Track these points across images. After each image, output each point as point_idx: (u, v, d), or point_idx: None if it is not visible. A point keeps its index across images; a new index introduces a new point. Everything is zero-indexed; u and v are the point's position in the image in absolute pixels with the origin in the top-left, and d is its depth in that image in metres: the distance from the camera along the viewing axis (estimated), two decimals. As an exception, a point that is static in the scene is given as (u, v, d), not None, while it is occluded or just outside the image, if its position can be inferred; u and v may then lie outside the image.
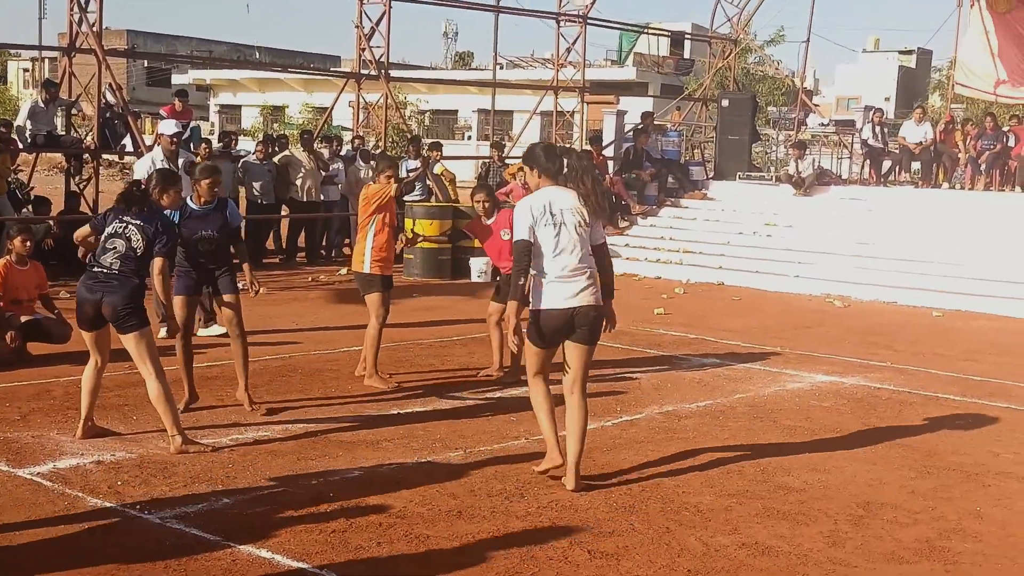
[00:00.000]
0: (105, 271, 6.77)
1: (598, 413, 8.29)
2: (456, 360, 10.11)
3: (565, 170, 6.46)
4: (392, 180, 8.82)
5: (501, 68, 35.43)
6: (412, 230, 9.43)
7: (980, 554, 5.57)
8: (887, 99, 43.93)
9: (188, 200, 7.91)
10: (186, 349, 7.93)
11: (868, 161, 21.35)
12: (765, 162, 25.74)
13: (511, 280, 6.34)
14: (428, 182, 18.56)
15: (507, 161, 20.54)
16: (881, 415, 8.62)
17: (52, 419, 7.42)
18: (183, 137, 16.28)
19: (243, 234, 16.75)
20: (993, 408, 8.93)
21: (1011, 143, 19.87)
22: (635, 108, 26.99)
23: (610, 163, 21.44)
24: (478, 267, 16.35)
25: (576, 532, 5.65)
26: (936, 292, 15.11)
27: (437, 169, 18.68)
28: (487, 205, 9.41)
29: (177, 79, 51.12)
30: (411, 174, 18.45)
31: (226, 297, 8.01)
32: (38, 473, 6.26)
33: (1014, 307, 14.40)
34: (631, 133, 22.11)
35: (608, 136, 22.76)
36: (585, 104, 23.86)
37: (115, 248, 6.80)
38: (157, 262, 6.87)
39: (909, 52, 51.93)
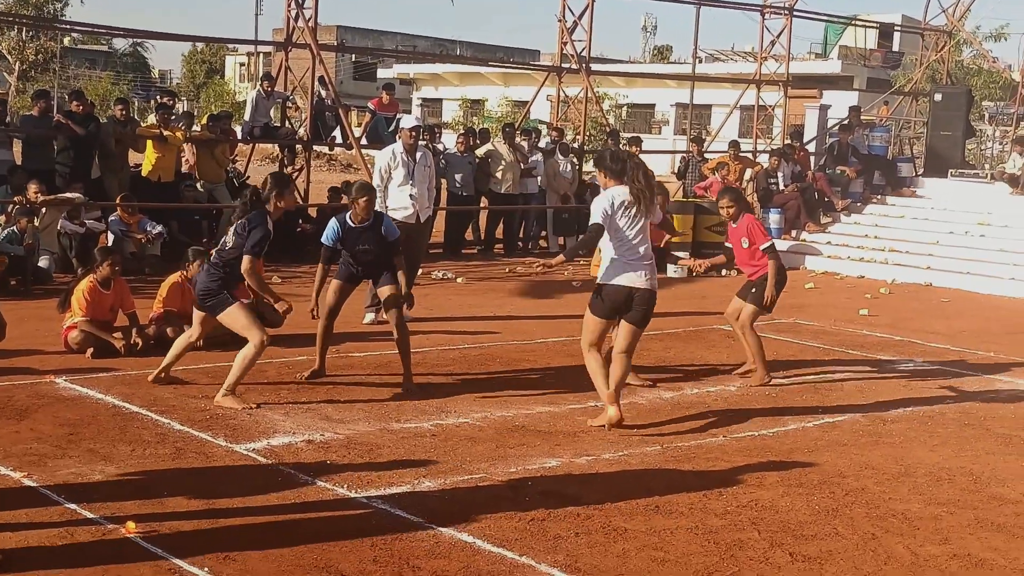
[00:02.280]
0: (211, 260, 7.88)
1: (799, 413, 8.14)
2: (652, 356, 10.04)
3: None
4: None
5: (700, 62, 34.98)
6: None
7: None
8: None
9: (346, 217, 8.38)
10: (327, 330, 8.45)
11: (1093, 158, 20.12)
12: (979, 159, 24.61)
13: (575, 245, 7.64)
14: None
15: (706, 156, 20.31)
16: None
17: (266, 397, 7.76)
18: (391, 130, 16.84)
19: (444, 225, 17.33)
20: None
21: None
22: (839, 102, 26.20)
23: (812, 159, 20.89)
24: (675, 264, 16.21)
25: (777, 533, 5.55)
26: None
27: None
28: (731, 210, 9.06)
29: (382, 73, 52.59)
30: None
31: (385, 289, 8.39)
32: (253, 449, 6.56)
33: None
34: (835, 128, 21.50)
35: (810, 131, 22.18)
36: (787, 98, 23.32)
37: (224, 243, 7.68)
38: (245, 260, 7.46)
39: None
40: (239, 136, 16.74)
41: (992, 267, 16.27)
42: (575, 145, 20.32)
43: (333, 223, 8.44)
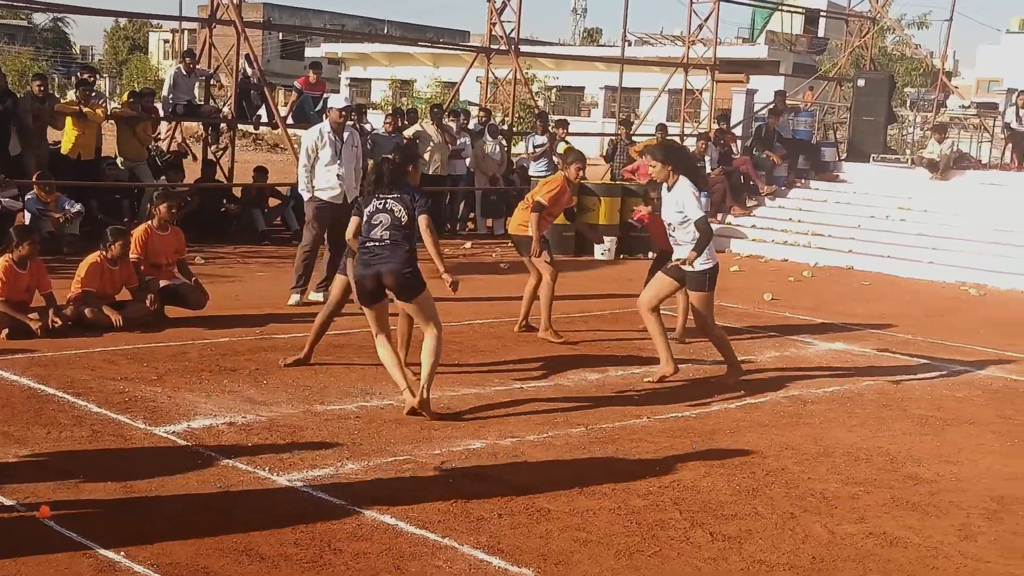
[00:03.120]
0: (377, 243, 7.12)
1: (722, 394, 8.22)
2: (579, 336, 10.09)
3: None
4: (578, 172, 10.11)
5: (630, 45, 35.09)
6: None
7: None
8: (1031, 81, 42.23)
9: None
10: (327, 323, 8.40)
11: (1010, 145, 20.55)
12: (901, 144, 25.03)
13: (704, 244, 8.22)
14: (554, 158, 18.55)
15: (634, 139, 20.40)
16: (1019, 408, 8.34)
17: (187, 380, 7.65)
18: (318, 109, 16.64)
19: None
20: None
21: None
22: (766, 87, 26.45)
23: (738, 142, 21.10)
24: (602, 245, 16.28)
25: (698, 513, 5.60)
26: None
27: (561, 148, 18.65)
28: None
29: (310, 52, 52.02)
30: (537, 150, 18.55)
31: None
32: (173, 432, 6.46)
33: None
34: (762, 112, 21.73)
35: (737, 115, 22.38)
36: (715, 82, 23.51)
37: (381, 222, 7.14)
38: (423, 219, 7.14)
39: (1056, 32, 49.79)
40: (161, 114, 16.45)
41: (912, 251, 16.57)
42: (504, 127, 20.28)
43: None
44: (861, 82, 21.49)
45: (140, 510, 5.20)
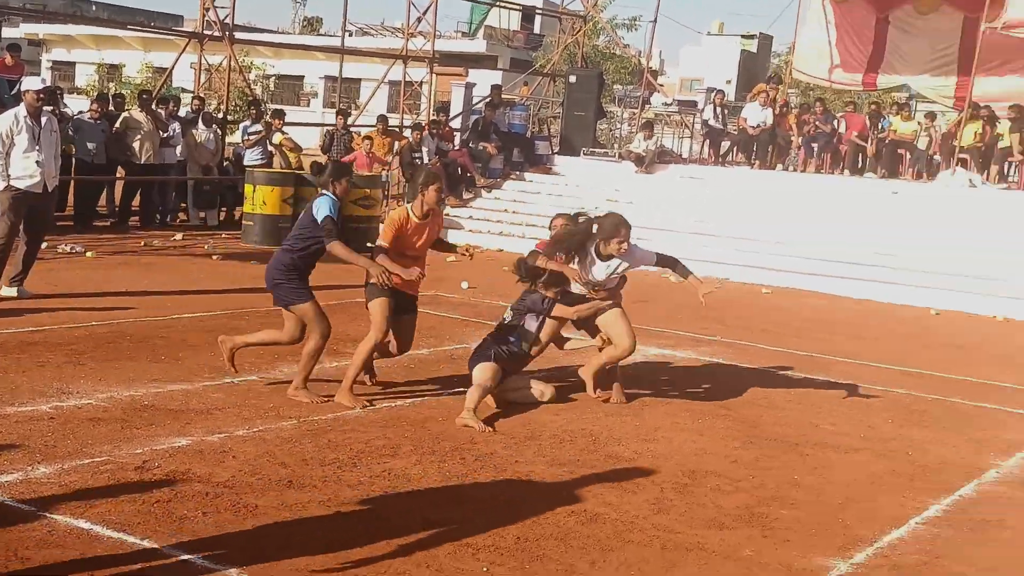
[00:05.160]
0: None
1: (435, 383, 8.31)
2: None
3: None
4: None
5: (350, 35, 34.87)
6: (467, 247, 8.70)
7: (796, 520, 5.80)
8: (728, 81, 44.98)
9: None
10: None
11: (708, 141, 21.86)
12: (609, 139, 26.10)
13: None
14: (269, 147, 18.24)
15: (352, 130, 20.32)
16: (709, 388, 8.87)
17: None
18: (13, 93, 15.63)
19: (73, 196, 16.32)
20: (815, 382, 9.30)
21: (842, 128, 20.65)
22: (484, 81, 26.93)
23: (456, 135, 21.40)
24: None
25: (410, 501, 5.65)
26: (767, 270, 15.63)
27: (276, 139, 18.35)
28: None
29: (8, 33, 48.71)
30: (251, 137, 18.14)
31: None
32: None
33: (840, 286, 15.02)
34: (479, 105, 22.12)
35: (456, 108, 22.71)
36: (434, 75, 23.74)
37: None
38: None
39: (751, 36, 53.26)
40: None
41: (619, 241, 17.29)
42: (218, 115, 19.73)
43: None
44: (573, 78, 22.26)
45: None
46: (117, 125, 16.83)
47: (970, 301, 14.19)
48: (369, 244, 14.80)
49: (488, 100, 21.34)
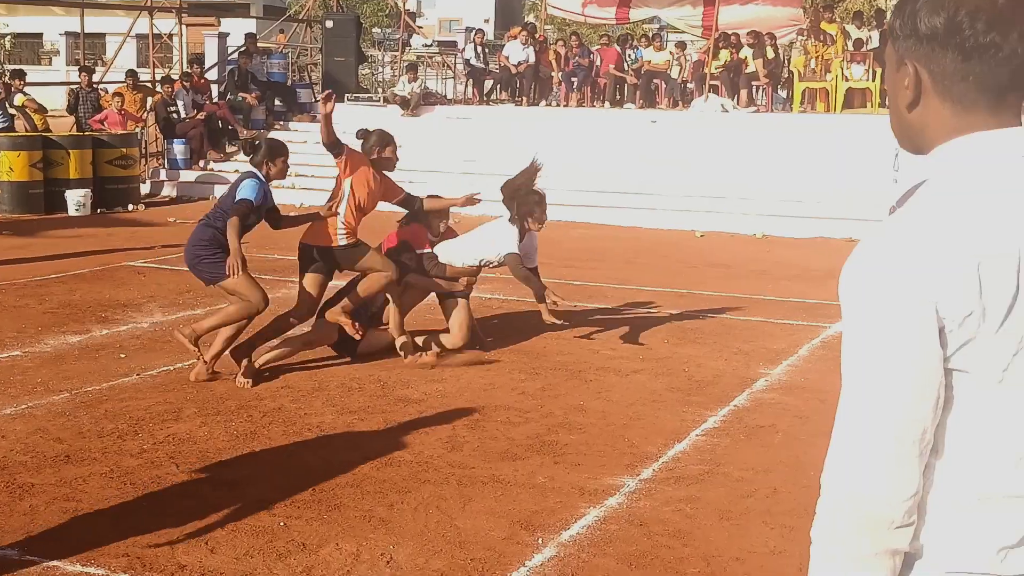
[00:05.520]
0: None
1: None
2: (56, 299, 9.47)
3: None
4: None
5: (89, -13, 33.07)
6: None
7: (584, 444, 5.97)
8: (486, 21, 45.28)
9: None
10: None
11: (471, 81, 21.94)
12: (372, 83, 25.84)
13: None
14: (10, 111, 17.16)
15: (100, 87, 19.34)
16: (491, 323, 8.98)
17: None
18: None
19: None
20: (591, 310, 9.54)
21: (599, 62, 21.11)
22: (238, 30, 26.09)
23: (213, 87, 20.70)
24: (75, 199, 15.36)
25: (196, 463, 5.50)
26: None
27: (18, 100, 17.28)
28: None
29: None
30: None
31: None
32: None
33: (608, 215, 15.43)
34: (233, 55, 21.44)
35: (210, 59, 21.94)
36: (184, 26, 22.82)
37: None
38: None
39: (505, -25, 53.71)
40: None
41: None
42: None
43: None
44: (329, 23, 21.85)
45: None
46: None
47: (730, 221, 14.85)
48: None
49: (243, 49, 20.70)
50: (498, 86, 21.64)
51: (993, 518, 1.59)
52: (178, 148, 18.22)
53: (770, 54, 19.50)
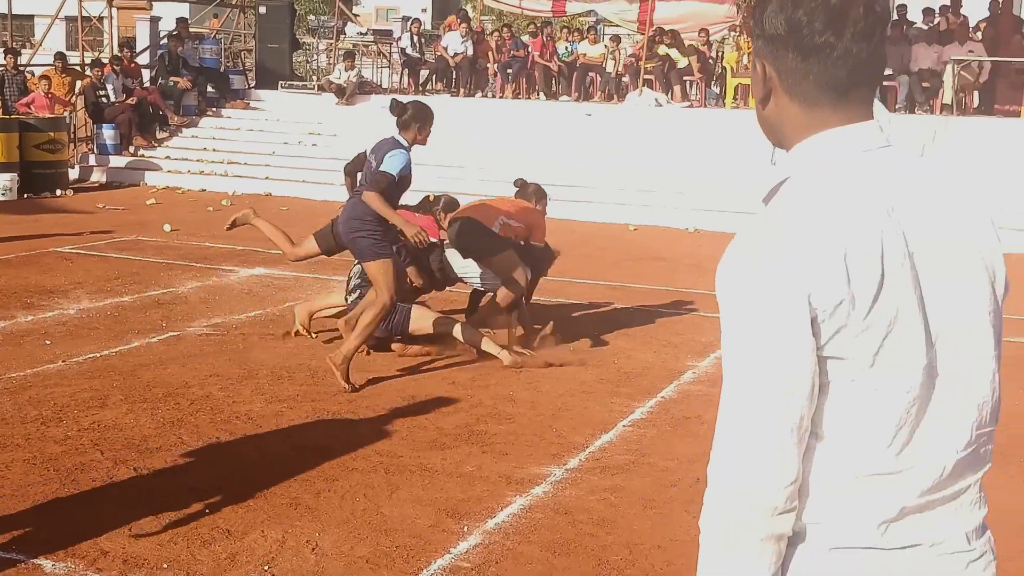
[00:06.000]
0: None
1: (143, 330, 8.02)
2: (-20, 284, 9.32)
3: None
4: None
5: (17, -33, 32.38)
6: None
7: (512, 433, 6.01)
8: (424, 10, 45.12)
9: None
10: None
11: (407, 70, 21.86)
12: (307, 71, 25.64)
13: None
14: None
15: (27, 70, 18.98)
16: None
17: None
18: None
19: None
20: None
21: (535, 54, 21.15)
22: (169, 14, 25.69)
23: (144, 72, 20.41)
24: (1, 184, 15.08)
25: (121, 451, 5.45)
26: (471, 195, 15.83)
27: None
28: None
29: None
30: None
31: None
32: None
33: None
34: (165, 40, 21.16)
35: (142, 43, 21.63)
36: (115, 9, 22.46)
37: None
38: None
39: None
40: None
41: (324, 174, 17.09)
42: None
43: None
44: (263, 9, 21.64)
45: None
46: None
47: (663, 215, 14.99)
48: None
49: (174, 33, 20.43)
50: (434, 76, 21.59)
51: (872, 495, 1.65)
52: (107, 133, 17.97)
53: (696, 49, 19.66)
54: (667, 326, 8.84)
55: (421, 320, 7.49)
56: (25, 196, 15.37)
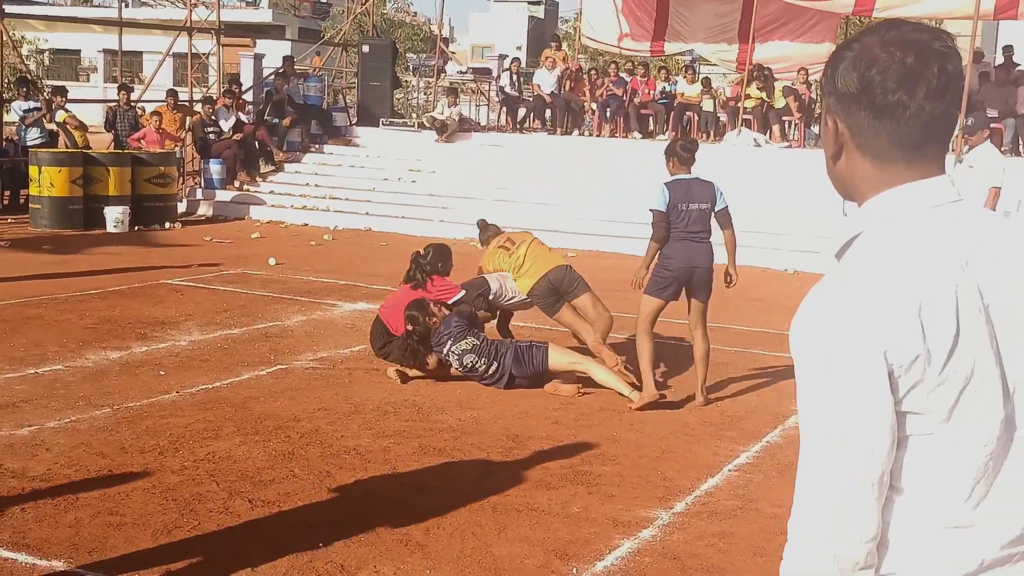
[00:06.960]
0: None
1: (252, 364, 8.20)
2: (96, 315, 9.62)
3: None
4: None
5: (127, 6, 33.55)
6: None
7: (618, 475, 6.02)
8: (519, 48, 45.57)
9: None
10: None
11: (505, 108, 22.09)
12: (407, 108, 26.04)
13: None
14: (51, 126, 17.41)
15: (138, 107, 19.59)
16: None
17: None
18: None
19: None
20: (623, 341, 9.58)
21: (636, 97, 21.21)
22: (273, 52, 26.44)
23: (249, 108, 20.93)
24: (114, 216, 15.57)
25: (236, 482, 5.58)
26: (568, 234, 15.96)
27: (60, 116, 17.54)
28: None
29: None
30: (28, 115, 17.26)
31: None
32: None
33: (639, 247, 15.45)
34: (270, 77, 21.69)
35: (246, 80, 22.20)
36: (220, 46, 23.12)
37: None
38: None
39: (537, 3, 54.10)
40: None
41: (424, 211, 17.36)
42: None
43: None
44: (366, 48, 22.08)
45: None
46: None
47: (762, 256, 14.87)
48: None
49: (281, 71, 20.95)
50: (531, 114, 21.78)
51: (951, 548, 1.65)
52: (214, 168, 18.45)
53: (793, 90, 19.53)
54: (769, 369, 8.76)
55: (558, 358, 7.78)
56: (136, 228, 15.83)
